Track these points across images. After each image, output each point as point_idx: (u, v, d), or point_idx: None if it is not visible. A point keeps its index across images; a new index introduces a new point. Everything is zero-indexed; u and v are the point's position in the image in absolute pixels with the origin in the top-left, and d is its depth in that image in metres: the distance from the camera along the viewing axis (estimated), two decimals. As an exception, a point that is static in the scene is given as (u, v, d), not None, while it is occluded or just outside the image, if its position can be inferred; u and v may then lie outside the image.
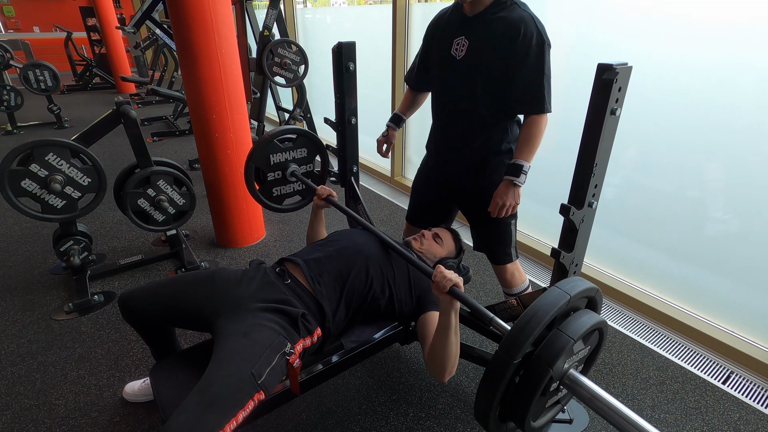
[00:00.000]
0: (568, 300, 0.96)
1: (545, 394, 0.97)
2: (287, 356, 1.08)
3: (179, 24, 2.12)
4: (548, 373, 0.92)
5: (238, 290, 1.19)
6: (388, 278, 1.29)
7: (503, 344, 0.95)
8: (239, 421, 0.95)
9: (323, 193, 1.55)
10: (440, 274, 1.04)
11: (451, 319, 1.06)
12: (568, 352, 0.94)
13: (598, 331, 1.05)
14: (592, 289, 1.04)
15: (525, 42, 1.25)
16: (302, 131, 1.81)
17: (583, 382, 0.97)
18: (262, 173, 1.78)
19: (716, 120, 1.78)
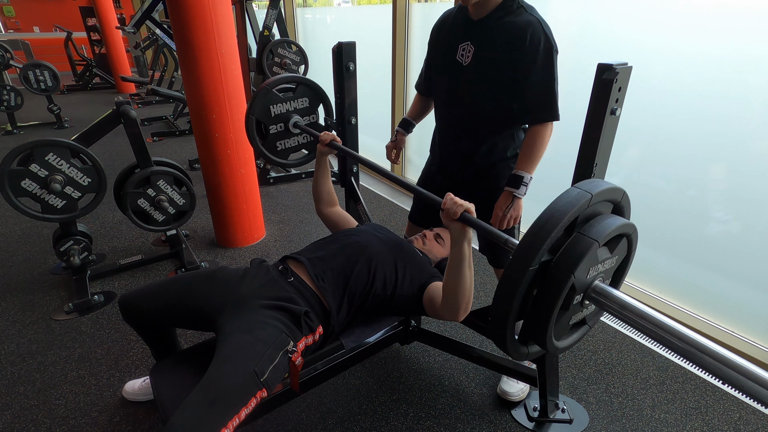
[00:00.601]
0: (589, 199, 0.82)
1: (567, 307, 0.85)
2: (290, 354, 1.08)
3: (179, 24, 2.12)
4: (569, 280, 0.80)
5: (240, 288, 1.19)
6: (389, 274, 1.29)
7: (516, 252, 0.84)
8: (242, 418, 0.96)
9: (326, 138, 1.47)
10: (451, 200, 1.01)
11: (464, 250, 1.03)
12: (592, 257, 0.82)
13: (627, 238, 0.91)
14: (617, 190, 0.89)
15: (532, 48, 1.23)
16: (301, 79, 1.73)
17: (610, 292, 0.84)
18: (264, 126, 1.72)
19: (717, 119, 1.77)
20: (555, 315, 0.84)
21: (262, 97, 1.67)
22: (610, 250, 0.88)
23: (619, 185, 0.90)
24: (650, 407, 1.59)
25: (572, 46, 2.27)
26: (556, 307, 0.83)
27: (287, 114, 1.74)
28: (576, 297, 0.85)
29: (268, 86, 1.67)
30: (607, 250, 0.87)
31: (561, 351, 0.96)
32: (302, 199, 3.43)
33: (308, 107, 1.79)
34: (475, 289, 2.27)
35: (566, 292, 0.82)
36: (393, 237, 1.42)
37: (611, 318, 2.07)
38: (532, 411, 1.54)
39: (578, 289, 0.84)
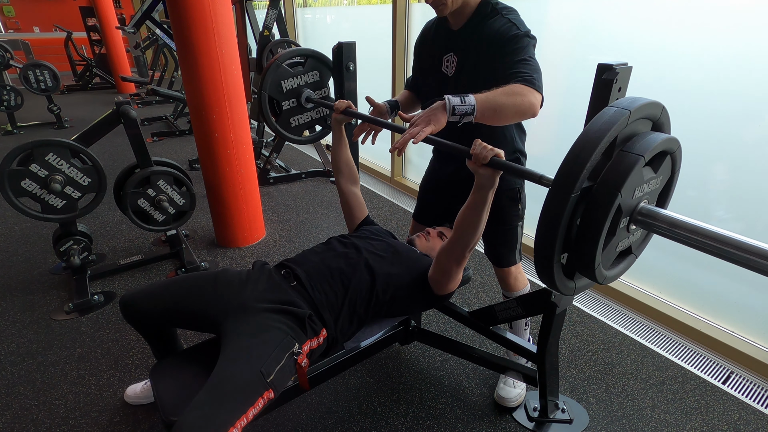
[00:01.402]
0: (628, 116, 0.76)
1: (614, 232, 0.80)
2: (295, 356, 1.08)
3: (179, 24, 2.12)
4: (616, 198, 0.75)
5: (244, 291, 1.19)
6: (389, 279, 1.29)
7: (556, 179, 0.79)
8: (249, 418, 0.96)
9: (341, 106, 1.45)
10: (480, 145, 0.99)
11: (487, 196, 1.03)
12: (637, 176, 0.77)
13: (670, 157, 0.86)
14: (656, 105, 0.83)
15: (508, 46, 1.21)
16: (311, 51, 1.72)
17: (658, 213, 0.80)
18: (276, 104, 1.70)
19: (717, 119, 1.77)
20: (602, 240, 0.79)
21: (273, 72, 1.64)
22: (654, 170, 0.82)
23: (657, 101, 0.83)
24: (650, 407, 1.59)
25: (572, 42, 2.27)
26: (603, 231, 0.78)
27: (299, 89, 1.72)
28: (622, 220, 0.80)
29: (278, 61, 1.64)
30: (651, 170, 0.82)
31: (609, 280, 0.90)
32: (302, 199, 3.43)
33: (319, 81, 1.76)
34: (475, 289, 2.27)
35: (613, 213, 0.77)
36: (389, 241, 1.42)
37: (611, 318, 2.07)
38: (532, 411, 1.54)
39: (624, 211, 0.79)
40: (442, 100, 1.10)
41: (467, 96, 1.10)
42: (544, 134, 2.43)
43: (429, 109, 1.12)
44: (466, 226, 1.12)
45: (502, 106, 1.12)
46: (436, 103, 1.11)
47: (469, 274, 1.83)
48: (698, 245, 0.76)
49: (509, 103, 1.12)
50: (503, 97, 1.12)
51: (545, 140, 2.44)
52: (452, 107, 1.09)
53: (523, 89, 1.14)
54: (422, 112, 1.15)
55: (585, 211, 0.80)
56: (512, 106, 1.13)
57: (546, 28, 2.36)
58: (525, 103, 1.13)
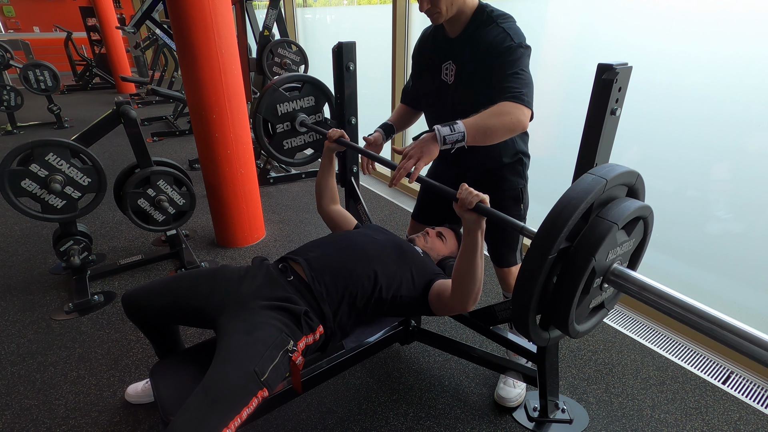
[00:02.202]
0: (604, 185, 0.83)
1: (588, 291, 0.86)
2: (290, 353, 1.08)
3: (179, 24, 2.12)
4: (590, 263, 0.81)
5: (241, 288, 1.19)
6: (391, 277, 1.29)
7: (535, 240, 0.84)
8: (243, 418, 0.96)
9: (334, 135, 1.47)
10: (466, 190, 1.02)
11: (477, 240, 1.04)
12: (611, 240, 0.83)
13: (643, 221, 0.92)
14: (631, 173, 0.89)
15: (502, 58, 1.22)
16: (307, 78, 1.75)
17: (629, 275, 0.86)
18: (271, 125, 1.73)
19: (718, 119, 1.78)
20: (576, 299, 0.84)
21: (269, 95, 1.68)
22: (627, 233, 0.88)
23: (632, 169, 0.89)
24: (650, 407, 1.59)
25: (572, 47, 2.27)
26: (577, 291, 0.83)
27: (294, 113, 1.75)
28: (596, 280, 0.86)
29: (275, 85, 1.68)
30: (625, 233, 0.87)
31: (582, 335, 0.96)
32: (302, 199, 3.43)
33: (314, 106, 1.80)
34: (475, 289, 2.27)
35: (587, 276, 0.82)
36: (393, 238, 1.41)
37: (611, 318, 2.07)
38: (532, 411, 1.54)
39: (598, 272, 0.84)
40: (432, 132, 1.13)
41: (456, 123, 1.13)
42: (544, 134, 2.43)
43: (420, 141, 1.14)
44: (463, 273, 1.10)
45: (490, 127, 1.15)
46: (427, 134, 1.14)
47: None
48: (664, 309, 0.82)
49: (498, 123, 1.15)
50: (491, 118, 1.15)
51: (545, 140, 2.44)
52: (443, 138, 1.12)
53: (511, 107, 1.16)
54: (414, 144, 1.16)
55: (561, 271, 0.86)
56: (501, 126, 1.16)
57: (546, 31, 2.36)
58: (513, 121, 1.15)
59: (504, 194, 1.46)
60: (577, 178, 1.21)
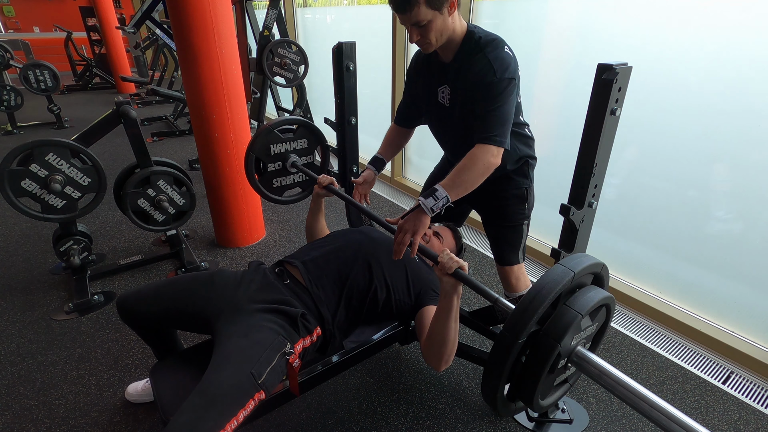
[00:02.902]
0: (572, 277, 0.93)
1: (553, 371, 0.95)
2: (287, 356, 1.08)
3: (179, 24, 2.12)
4: (556, 349, 0.90)
5: (237, 292, 1.19)
6: (387, 277, 1.29)
7: (507, 324, 0.93)
8: (240, 420, 0.96)
9: (324, 182, 1.54)
10: (447, 255, 1.04)
11: (452, 303, 1.05)
12: (576, 327, 0.92)
13: (606, 307, 1.03)
14: (597, 264, 1.01)
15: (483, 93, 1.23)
16: (303, 121, 1.80)
17: (591, 359, 0.96)
18: (262, 164, 1.77)
19: (718, 119, 1.77)
20: (542, 379, 0.94)
21: (264, 136, 1.73)
22: (591, 319, 0.99)
23: (598, 260, 1.02)
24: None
25: (572, 46, 2.27)
26: (543, 371, 0.93)
27: (286, 154, 1.81)
28: (561, 361, 0.96)
29: (270, 127, 1.73)
30: (589, 318, 0.98)
31: (545, 408, 1.07)
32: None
33: (306, 148, 1.85)
34: (475, 289, 2.27)
35: (553, 359, 0.92)
36: (389, 239, 1.42)
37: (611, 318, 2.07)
38: (532, 411, 1.54)
39: (563, 353, 0.94)
40: (417, 207, 1.20)
41: (437, 191, 1.20)
42: (545, 134, 2.43)
43: (411, 216, 1.19)
44: (436, 334, 1.10)
45: (467, 181, 1.22)
46: (415, 210, 1.20)
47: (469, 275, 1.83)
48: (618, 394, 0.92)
49: (472, 175, 1.22)
50: (464, 174, 1.22)
51: (545, 140, 2.44)
52: (430, 209, 1.19)
53: (479, 152, 1.22)
54: (406, 219, 1.20)
55: (530, 352, 0.96)
56: (475, 175, 1.22)
57: (546, 28, 2.36)
58: (484, 165, 1.22)
59: (508, 193, 1.46)
60: (577, 178, 1.22)
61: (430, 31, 1.19)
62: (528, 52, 2.38)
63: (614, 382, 0.91)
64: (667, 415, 0.82)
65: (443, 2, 1.15)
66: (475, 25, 1.28)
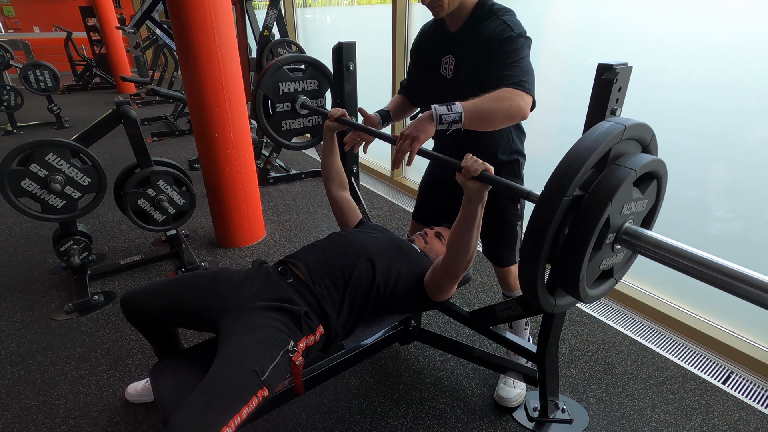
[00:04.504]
0: (623, 131, 0.78)
1: (600, 247, 0.81)
2: (290, 354, 1.08)
3: (179, 24, 2.12)
4: (607, 208, 0.75)
5: (241, 290, 1.20)
6: (389, 272, 1.29)
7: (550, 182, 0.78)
8: (243, 417, 0.96)
9: (336, 113, 1.45)
10: (471, 158, 1.00)
11: (477, 210, 1.03)
12: (627, 190, 0.78)
13: (657, 181, 0.88)
14: (648, 128, 0.86)
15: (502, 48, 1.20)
16: (312, 60, 1.74)
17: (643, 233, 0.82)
18: (270, 104, 1.72)
19: (718, 118, 1.77)
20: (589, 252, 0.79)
21: (272, 72, 1.65)
22: (641, 192, 0.84)
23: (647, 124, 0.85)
24: (650, 407, 1.59)
25: (572, 46, 2.27)
26: (591, 241, 0.77)
27: (295, 93, 1.72)
28: (609, 236, 0.81)
29: (279, 62, 1.65)
30: (639, 190, 0.83)
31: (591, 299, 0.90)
32: (302, 199, 3.43)
33: (317, 90, 1.77)
34: (475, 289, 2.27)
35: (602, 224, 0.77)
36: (391, 236, 1.42)
37: (611, 318, 2.07)
38: (532, 411, 1.54)
39: (612, 227, 0.79)
40: (429, 110, 1.11)
41: (454, 104, 1.11)
42: (544, 135, 2.43)
43: (416, 120, 1.13)
44: (457, 242, 1.10)
45: (489, 111, 1.13)
46: (424, 113, 1.13)
47: (469, 275, 1.83)
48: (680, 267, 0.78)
49: (497, 108, 1.13)
50: (490, 102, 1.13)
51: (545, 140, 2.44)
52: (439, 117, 1.10)
53: (512, 93, 1.14)
54: (410, 124, 1.15)
55: (574, 220, 0.81)
56: (500, 111, 1.13)
57: (546, 26, 2.36)
58: (513, 107, 1.13)
59: (500, 194, 1.46)
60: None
61: None
62: (528, 52, 2.37)
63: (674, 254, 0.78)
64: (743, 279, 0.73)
65: None
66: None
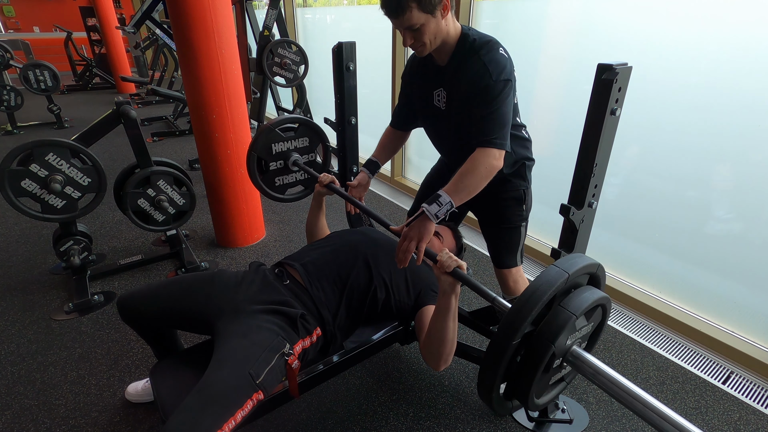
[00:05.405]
0: (566, 278, 0.93)
1: (548, 371, 0.96)
2: (286, 357, 1.08)
3: (179, 24, 2.12)
4: (550, 350, 0.91)
5: (237, 293, 1.19)
6: (386, 277, 1.29)
7: (501, 326, 0.93)
8: (238, 420, 0.96)
9: (325, 180, 1.54)
10: (446, 254, 1.04)
11: (450, 302, 1.05)
12: (571, 328, 0.93)
13: (601, 308, 1.03)
14: (592, 265, 1.01)
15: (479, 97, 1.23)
16: (304, 120, 1.80)
17: (586, 358, 0.95)
18: (264, 162, 1.77)
19: (718, 119, 1.77)
20: (537, 378, 0.94)
21: (265, 135, 1.73)
22: (587, 318, 0.99)
23: (594, 260, 1.01)
24: (650, 407, 1.58)
25: (572, 46, 2.27)
26: (537, 372, 0.93)
27: (287, 152, 1.81)
28: (556, 361, 0.95)
29: (271, 126, 1.73)
30: (585, 318, 0.98)
31: (541, 407, 1.07)
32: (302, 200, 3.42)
33: (308, 146, 1.86)
34: (475, 289, 2.27)
35: (547, 359, 0.92)
36: (389, 239, 1.42)
37: (612, 318, 2.07)
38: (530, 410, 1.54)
39: (558, 353, 0.94)
40: (421, 213, 1.18)
41: (440, 197, 1.19)
42: (545, 134, 2.43)
43: (416, 223, 1.18)
44: (434, 335, 1.10)
45: (470, 185, 1.21)
46: (419, 216, 1.19)
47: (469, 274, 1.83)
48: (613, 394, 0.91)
49: (475, 179, 1.21)
50: (467, 178, 1.21)
51: (545, 140, 2.44)
52: (434, 215, 1.18)
53: (481, 155, 1.21)
54: (411, 226, 1.19)
55: (525, 353, 0.96)
56: (478, 179, 1.22)
57: (546, 27, 2.36)
58: (487, 169, 1.22)
59: (506, 195, 1.46)
60: (577, 178, 1.22)
61: (423, 34, 1.19)
62: (528, 52, 2.38)
63: (608, 381, 0.91)
64: (661, 415, 0.82)
65: (436, 5, 1.15)
66: (469, 27, 1.28)
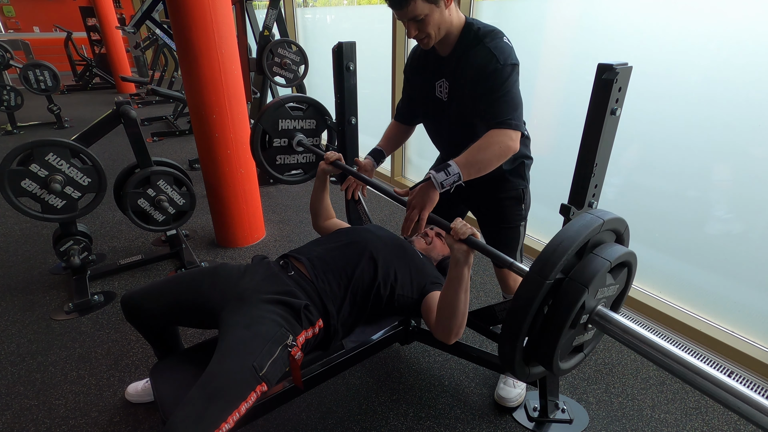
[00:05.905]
0: (601, 224, 0.89)
1: (575, 325, 0.89)
2: (289, 348, 1.08)
3: (179, 24, 2.12)
4: (584, 294, 0.84)
5: (241, 283, 1.20)
6: (391, 273, 1.29)
7: (535, 265, 0.87)
8: (242, 412, 0.96)
9: (332, 156, 1.49)
10: (460, 222, 1.05)
11: (463, 273, 1.05)
12: (602, 278, 0.87)
13: (627, 268, 0.98)
14: (622, 221, 0.97)
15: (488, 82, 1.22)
16: (314, 102, 1.79)
17: (612, 317, 0.91)
18: (268, 137, 1.76)
19: (718, 118, 1.77)
20: (564, 332, 0.87)
21: (274, 109, 1.70)
22: (614, 277, 0.93)
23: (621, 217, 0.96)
24: (650, 407, 1.59)
25: (572, 46, 2.27)
26: (567, 322, 0.86)
27: (293, 131, 1.79)
28: (583, 317, 0.90)
29: (281, 101, 1.71)
30: (612, 276, 0.92)
31: (562, 373, 0.99)
32: (302, 199, 3.43)
33: (314, 129, 1.84)
34: (475, 289, 2.27)
35: (579, 307, 0.85)
36: (394, 236, 1.42)
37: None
38: (532, 411, 1.54)
39: (587, 308, 0.88)
40: (428, 180, 1.16)
41: (449, 166, 1.17)
42: (545, 134, 2.43)
43: (420, 190, 1.17)
44: (446, 307, 1.10)
45: (482, 161, 1.20)
46: (425, 183, 1.17)
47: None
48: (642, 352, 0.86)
49: (488, 155, 1.20)
50: (481, 153, 1.19)
51: (545, 140, 2.44)
52: (440, 183, 1.16)
53: (497, 135, 1.20)
54: (414, 193, 1.18)
55: (554, 301, 0.90)
56: (492, 157, 1.20)
57: (546, 27, 2.36)
58: (502, 148, 1.20)
59: (506, 194, 1.46)
60: (577, 178, 1.22)
61: (427, 25, 1.19)
62: (528, 52, 2.37)
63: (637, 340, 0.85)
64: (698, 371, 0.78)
65: None
66: (473, 18, 1.28)
